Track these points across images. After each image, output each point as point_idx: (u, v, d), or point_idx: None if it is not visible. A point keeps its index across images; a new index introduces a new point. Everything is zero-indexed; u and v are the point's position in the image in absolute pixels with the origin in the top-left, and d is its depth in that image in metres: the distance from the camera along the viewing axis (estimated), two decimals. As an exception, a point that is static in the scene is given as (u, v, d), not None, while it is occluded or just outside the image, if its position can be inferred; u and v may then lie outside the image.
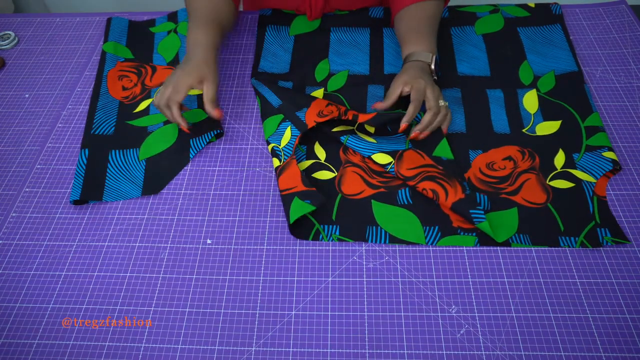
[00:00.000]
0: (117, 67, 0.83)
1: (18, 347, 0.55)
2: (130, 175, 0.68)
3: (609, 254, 0.59)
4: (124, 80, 0.81)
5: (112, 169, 0.69)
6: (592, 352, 0.52)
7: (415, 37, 0.74)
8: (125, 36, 0.88)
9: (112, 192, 0.67)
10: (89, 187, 0.67)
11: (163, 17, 0.92)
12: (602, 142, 0.68)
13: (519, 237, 0.60)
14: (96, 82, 0.81)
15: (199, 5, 0.75)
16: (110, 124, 0.75)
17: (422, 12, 0.76)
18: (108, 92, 0.79)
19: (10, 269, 0.61)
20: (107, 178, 0.68)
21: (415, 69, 0.70)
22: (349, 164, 0.68)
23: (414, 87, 0.67)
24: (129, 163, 0.70)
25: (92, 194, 0.66)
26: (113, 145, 0.72)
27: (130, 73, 0.82)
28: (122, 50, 0.86)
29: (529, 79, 0.77)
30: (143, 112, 0.76)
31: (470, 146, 0.70)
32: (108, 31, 0.89)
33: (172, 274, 0.60)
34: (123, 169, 0.69)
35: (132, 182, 0.68)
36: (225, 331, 0.55)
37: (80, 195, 0.65)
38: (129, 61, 0.84)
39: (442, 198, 0.61)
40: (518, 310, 0.55)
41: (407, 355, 0.52)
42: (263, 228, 0.63)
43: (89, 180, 0.67)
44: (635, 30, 0.84)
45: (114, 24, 0.90)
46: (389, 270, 0.59)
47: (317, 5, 0.86)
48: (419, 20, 0.75)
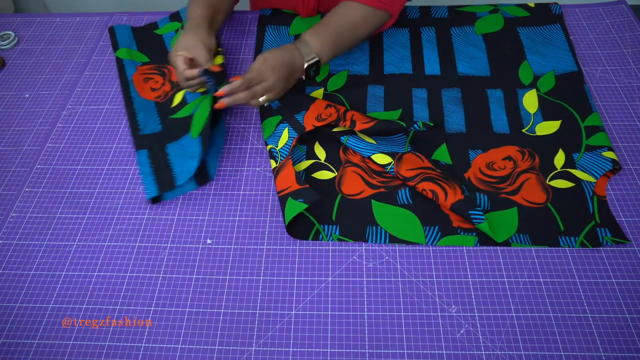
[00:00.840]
0: (138, 71, 0.83)
1: (18, 347, 0.55)
2: (191, 153, 0.68)
3: (609, 254, 0.59)
4: (150, 82, 0.81)
5: (174, 157, 0.69)
6: (592, 352, 0.52)
7: (319, 30, 0.73)
8: (133, 42, 0.88)
9: (181, 175, 0.66)
10: (161, 180, 0.67)
11: (164, 19, 0.92)
12: (602, 142, 0.68)
13: (519, 237, 0.60)
14: (123, 87, 0.80)
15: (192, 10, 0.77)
16: (154, 122, 0.75)
17: (350, 13, 0.74)
18: (139, 95, 0.79)
19: (10, 269, 0.61)
20: (172, 165, 0.68)
21: (286, 54, 0.70)
22: (349, 164, 0.68)
23: (255, 69, 0.68)
24: (187, 145, 0.70)
25: (165, 186, 0.66)
26: (166, 139, 0.72)
27: (154, 75, 0.82)
28: (137, 55, 0.86)
29: (528, 79, 0.77)
30: (181, 103, 0.77)
31: (470, 146, 0.70)
32: (115, 39, 0.88)
33: (172, 274, 0.60)
34: (182, 152, 0.69)
35: (194, 157, 0.68)
36: (225, 331, 0.55)
37: (156, 190, 0.66)
38: (147, 64, 0.84)
39: (441, 199, 0.61)
40: (518, 310, 0.55)
41: (407, 355, 0.52)
42: (263, 228, 0.63)
43: (159, 174, 0.68)
44: (635, 30, 0.84)
45: (118, 31, 0.90)
46: (389, 270, 0.59)
47: (310, 3, 0.86)
48: (340, 18, 0.74)
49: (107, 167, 0.71)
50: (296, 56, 0.71)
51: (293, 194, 0.62)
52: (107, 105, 0.79)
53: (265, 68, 0.68)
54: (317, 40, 0.72)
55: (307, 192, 0.62)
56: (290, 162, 0.66)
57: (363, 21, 0.74)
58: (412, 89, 0.77)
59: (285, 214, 0.61)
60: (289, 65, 0.70)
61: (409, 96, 0.76)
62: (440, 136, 0.70)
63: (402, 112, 0.74)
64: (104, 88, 0.82)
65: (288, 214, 0.60)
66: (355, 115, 0.70)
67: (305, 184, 0.63)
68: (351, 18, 0.74)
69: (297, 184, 0.63)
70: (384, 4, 0.74)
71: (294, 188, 0.63)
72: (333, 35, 0.73)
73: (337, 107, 0.72)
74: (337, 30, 0.73)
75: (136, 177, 0.69)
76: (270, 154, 0.69)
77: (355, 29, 0.74)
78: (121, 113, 0.78)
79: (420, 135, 0.71)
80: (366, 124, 0.68)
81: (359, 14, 0.74)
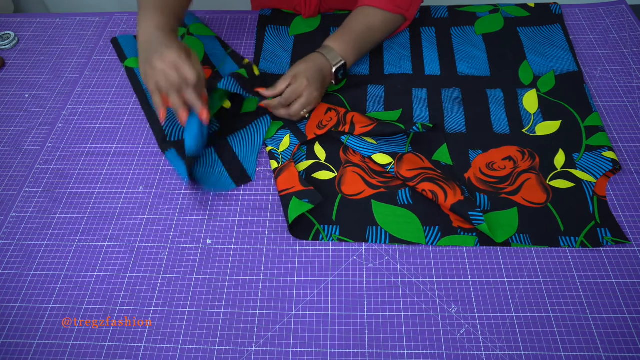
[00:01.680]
0: None
1: (18, 347, 0.55)
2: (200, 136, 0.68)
3: (609, 254, 0.59)
4: None
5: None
6: (592, 352, 0.52)
7: (340, 35, 0.74)
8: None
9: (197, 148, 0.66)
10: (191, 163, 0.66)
11: None
12: (602, 142, 0.68)
13: (519, 237, 0.60)
14: (140, 97, 0.78)
15: None
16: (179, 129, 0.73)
17: (368, 18, 0.75)
18: None
19: (10, 269, 0.61)
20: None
21: (313, 64, 0.70)
22: (349, 164, 0.68)
23: (293, 83, 0.68)
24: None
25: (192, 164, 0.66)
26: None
27: None
28: None
29: (528, 79, 0.77)
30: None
31: (470, 146, 0.70)
32: (120, 50, 0.86)
33: (172, 274, 0.60)
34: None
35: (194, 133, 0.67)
36: (225, 331, 0.55)
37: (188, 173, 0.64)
38: None
39: (441, 199, 0.61)
40: (518, 310, 0.55)
41: (407, 355, 0.52)
42: (263, 228, 0.63)
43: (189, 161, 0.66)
44: (635, 30, 0.84)
45: (122, 41, 0.87)
46: (389, 270, 0.59)
47: (312, 4, 0.86)
48: (359, 23, 0.75)
49: (107, 167, 0.71)
50: (323, 62, 0.72)
51: (297, 194, 0.62)
52: (107, 105, 0.79)
53: (299, 85, 0.68)
54: (340, 45, 0.73)
55: (312, 194, 0.62)
56: (293, 163, 0.66)
57: (381, 25, 0.77)
58: (412, 89, 0.77)
59: (288, 213, 0.61)
60: (319, 72, 0.70)
61: (409, 96, 0.76)
62: (441, 136, 0.70)
63: (402, 112, 0.74)
64: (104, 88, 0.82)
65: (292, 213, 0.60)
66: (356, 117, 0.70)
67: (309, 185, 0.63)
68: (370, 22, 0.75)
69: (301, 185, 0.63)
70: (400, 9, 0.77)
71: (298, 188, 0.63)
72: (354, 39, 0.74)
73: (337, 110, 0.72)
74: (358, 34, 0.75)
75: (136, 177, 0.69)
76: (271, 154, 0.69)
77: (374, 32, 0.76)
78: (121, 113, 0.78)
79: (421, 135, 0.71)
80: (366, 128, 0.68)
81: (378, 19, 0.76)
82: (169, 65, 0.62)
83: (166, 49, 0.63)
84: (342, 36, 0.74)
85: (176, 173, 0.69)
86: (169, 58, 0.62)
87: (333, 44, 0.73)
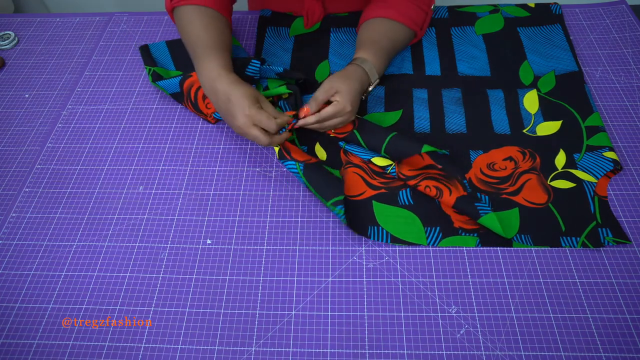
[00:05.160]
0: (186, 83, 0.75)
1: (18, 347, 0.55)
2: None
3: (610, 254, 0.59)
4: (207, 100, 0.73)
5: None
6: (592, 352, 0.52)
7: (375, 50, 0.72)
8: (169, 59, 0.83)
9: None
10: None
11: None
12: (603, 142, 0.68)
13: (520, 237, 0.60)
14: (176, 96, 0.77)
15: (201, 34, 0.70)
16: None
17: (391, 33, 0.75)
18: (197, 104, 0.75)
19: (10, 269, 0.61)
20: None
21: (358, 84, 0.67)
22: (350, 165, 0.68)
23: (334, 102, 0.65)
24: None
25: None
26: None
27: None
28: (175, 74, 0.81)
29: (529, 79, 0.77)
30: None
31: (471, 146, 0.70)
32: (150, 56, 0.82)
33: (172, 274, 0.60)
34: None
35: None
36: (225, 331, 0.55)
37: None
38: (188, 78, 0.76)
39: (445, 194, 0.61)
40: (518, 310, 0.55)
41: (407, 355, 0.52)
42: (263, 228, 0.63)
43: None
44: (635, 30, 0.84)
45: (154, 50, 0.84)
46: (389, 270, 0.59)
47: (314, 16, 0.86)
48: (389, 40, 0.74)
49: (107, 167, 0.71)
50: (364, 80, 0.69)
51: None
52: (107, 105, 0.79)
53: (341, 110, 0.65)
54: (377, 60, 0.72)
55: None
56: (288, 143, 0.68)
57: (403, 41, 0.77)
58: (413, 90, 0.77)
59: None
60: (359, 94, 0.68)
61: (410, 96, 0.76)
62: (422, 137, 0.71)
63: (403, 112, 0.74)
64: (104, 88, 0.82)
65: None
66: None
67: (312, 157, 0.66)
68: (396, 38, 0.76)
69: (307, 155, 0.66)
70: (416, 25, 0.77)
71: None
72: (386, 54, 0.74)
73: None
74: (388, 49, 0.74)
75: (136, 177, 0.69)
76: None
77: (397, 48, 0.77)
78: (121, 113, 0.78)
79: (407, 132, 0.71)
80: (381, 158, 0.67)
81: (401, 35, 0.76)
82: (246, 125, 0.63)
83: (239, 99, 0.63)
84: (378, 51, 0.72)
85: (176, 173, 0.69)
86: (243, 117, 0.63)
87: (371, 59, 0.71)
